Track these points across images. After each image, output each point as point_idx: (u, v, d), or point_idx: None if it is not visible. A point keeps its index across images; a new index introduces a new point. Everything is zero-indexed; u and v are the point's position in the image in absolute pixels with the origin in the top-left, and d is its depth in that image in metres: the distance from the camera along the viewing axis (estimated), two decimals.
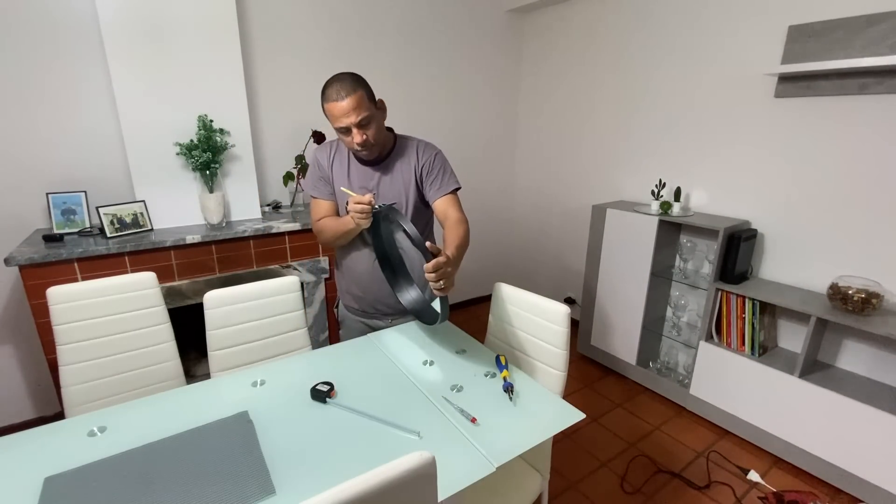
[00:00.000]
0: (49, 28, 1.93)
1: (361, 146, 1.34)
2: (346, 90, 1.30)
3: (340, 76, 1.34)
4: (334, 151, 1.50)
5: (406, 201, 1.48)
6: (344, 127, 1.32)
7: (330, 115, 1.33)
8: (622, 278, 2.57)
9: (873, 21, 1.74)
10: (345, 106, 1.29)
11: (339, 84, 1.32)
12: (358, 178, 1.47)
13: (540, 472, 1.38)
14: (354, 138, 1.33)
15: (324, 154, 1.51)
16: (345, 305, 1.68)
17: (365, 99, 1.32)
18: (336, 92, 1.31)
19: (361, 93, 1.32)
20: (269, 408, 1.16)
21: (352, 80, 1.32)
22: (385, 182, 1.47)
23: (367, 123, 1.33)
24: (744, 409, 2.13)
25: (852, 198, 1.91)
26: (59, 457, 0.97)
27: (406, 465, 0.69)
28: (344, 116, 1.30)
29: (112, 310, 1.39)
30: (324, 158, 1.50)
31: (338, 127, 1.33)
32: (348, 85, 1.31)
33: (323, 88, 1.35)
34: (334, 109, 1.31)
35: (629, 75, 2.70)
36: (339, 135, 1.37)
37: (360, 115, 1.30)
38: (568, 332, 1.34)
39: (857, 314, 1.80)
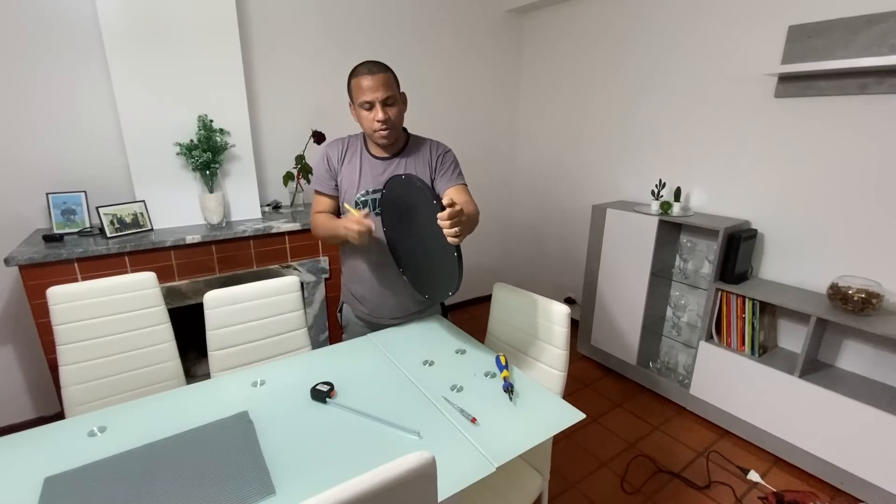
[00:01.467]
0: (49, 28, 1.93)
1: (383, 123, 1.37)
2: (377, 68, 1.36)
3: (371, 60, 1.40)
4: (346, 146, 1.51)
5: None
6: (369, 101, 1.36)
7: (357, 88, 1.36)
8: (622, 278, 2.57)
9: (873, 21, 1.74)
10: (375, 81, 1.34)
11: (370, 63, 1.38)
12: (371, 172, 1.48)
13: (540, 472, 1.38)
14: (377, 114, 1.37)
15: (334, 149, 1.51)
16: (349, 308, 1.67)
17: (393, 81, 1.39)
18: (368, 68, 1.36)
19: (390, 75, 1.39)
20: (269, 408, 1.16)
21: (381, 63, 1.40)
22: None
23: (392, 104, 1.38)
24: (744, 409, 2.13)
25: (852, 198, 1.91)
26: (59, 457, 0.97)
27: (406, 465, 0.69)
28: (372, 91, 1.34)
29: (112, 310, 1.39)
30: (334, 153, 1.51)
31: (362, 101, 1.36)
32: (379, 65, 1.38)
33: (353, 70, 1.40)
34: (364, 81, 1.35)
35: (629, 75, 2.70)
36: (361, 112, 1.39)
37: (388, 93, 1.36)
38: (568, 332, 1.34)
39: (857, 314, 1.80)
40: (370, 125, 1.39)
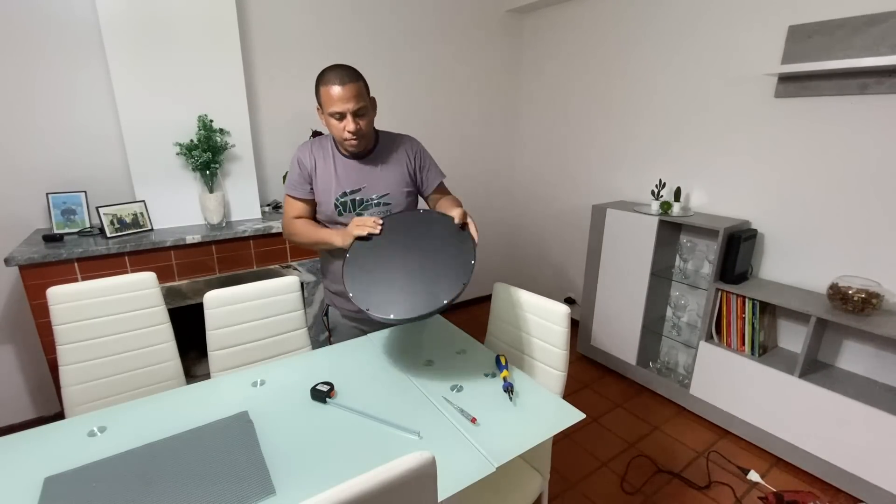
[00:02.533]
0: (49, 28, 1.93)
1: (353, 134, 1.36)
2: (348, 78, 1.33)
3: (340, 65, 1.37)
4: (317, 150, 1.50)
5: (394, 191, 1.50)
6: (339, 112, 1.34)
7: (326, 98, 1.34)
8: (622, 278, 2.57)
9: (873, 21, 1.74)
10: (345, 92, 1.32)
11: (340, 71, 1.34)
12: (345, 173, 1.48)
13: (540, 472, 1.38)
14: (347, 125, 1.35)
15: (305, 153, 1.50)
16: (336, 311, 1.64)
17: (364, 90, 1.37)
18: (338, 77, 1.33)
19: (361, 84, 1.36)
20: (269, 408, 1.16)
21: (352, 70, 1.36)
22: (373, 174, 1.48)
23: (363, 114, 1.37)
24: (744, 409, 2.13)
25: (852, 198, 1.91)
26: (59, 457, 0.97)
27: (406, 465, 0.69)
28: (342, 102, 1.32)
29: (112, 310, 1.39)
30: (305, 157, 1.49)
31: (332, 111, 1.34)
32: (350, 74, 1.34)
33: (321, 73, 1.37)
34: (334, 93, 1.32)
35: (629, 75, 2.70)
36: (331, 121, 1.37)
37: (359, 104, 1.34)
38: (568, 332, 1.34)
39: (857, 314, 1.80)
40: (340, 134, 1.38)
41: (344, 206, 1.48)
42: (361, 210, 1.49)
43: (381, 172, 1.49)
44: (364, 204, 1.49)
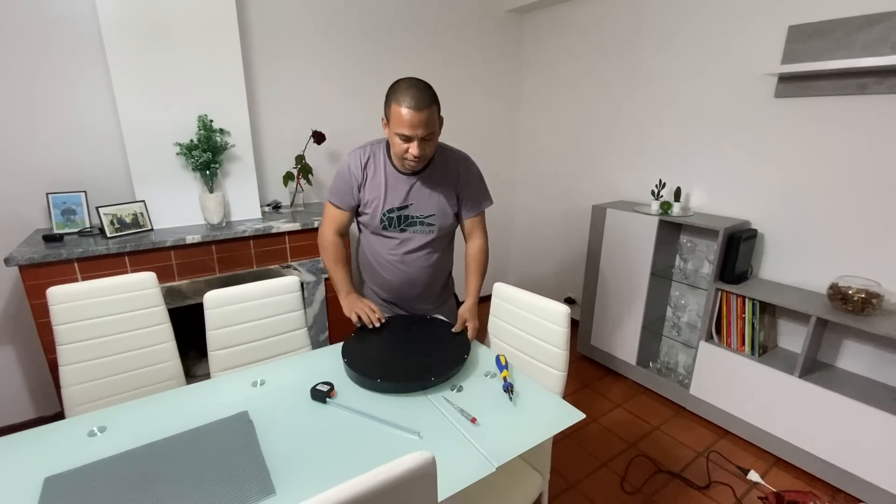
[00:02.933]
0: (49, 28, 1.93)
1: (417, 158, 1.34)
2: (423, 102, 1.27)
3: (419, 83, 1.30)
4: (367, 157, 1.47)
5: (440, 212, 1.51)
6: (407, 135, 1.30)
7: (396, 117, 1.29)
8: (622, 278, 2.57)
9: (873, 21, 1.74)
10: (418, 118, 1.27)
11: (418, 91, 1.28)
12: (395, 188, 1.47)
13: (540, 472, 1.38)
14: (412, 149, 1.33)
15: (356, 161, 1.47)
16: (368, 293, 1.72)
17: (436, 114, 1.32)
18: (415, 99, 1.26)
19: (435, 108, 1.31)
20: (269, 408, 1.16)
21: (430, 92, 1.30)
22: (422, 192, 1.48)
23: (430, 138, 1.34)
24: (744, 409, 2.13)
25: (852, 198, 1.91)
26: (59, 457, 0.98)
27: (406, 465, 0.69)
28: (412, 127, 1.28)
29: (112, 310, 1.39)
30: (357, 166, 1.47)
31: (400, 133, 1.30)
32: (427, 96, 1.29)
33: (396, 87, 1.30)
34: (406, 116, 1.27)
35: (629, 75, 2.70)
36: (395, 138, 1.33)
37: (428, 130, 1.31)
38: (568, 332, 1.34)
39: (857, 314, 1.80)
40: (402, 153, 1.35)
41: (390, 222, 1.49)
42: (406, 226, 1.50)
43: (430, 191, 1.49)
44: (409, 220, 1.50)
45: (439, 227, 1.52)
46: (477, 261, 1.62)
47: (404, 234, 1.52)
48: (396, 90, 1.29)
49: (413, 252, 1.53)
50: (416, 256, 1.54)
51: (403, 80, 1.31)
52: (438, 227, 1.52)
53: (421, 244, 1.53)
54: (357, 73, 2.75)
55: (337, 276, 1.55)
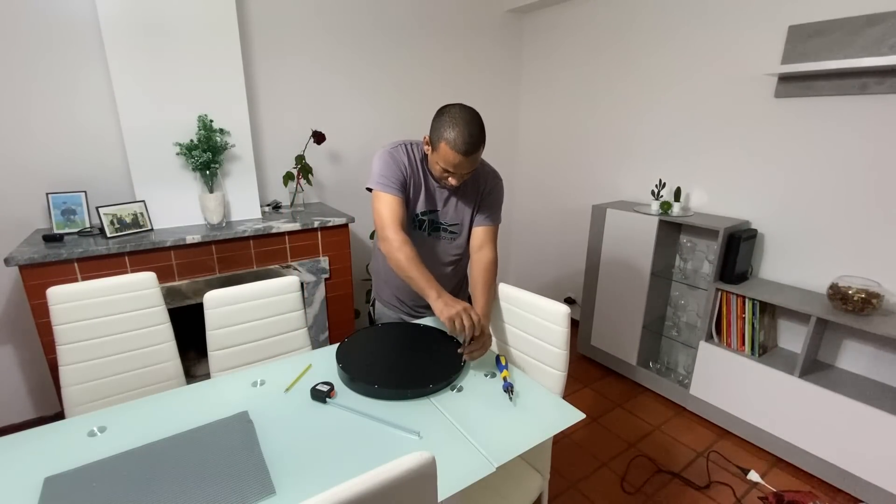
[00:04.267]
0: (49, 28, 1.93)
1: (453, 190, 1.38)
2: (474, 144, 1.27)
3: (474, 123, 1.27)
4: (411, 158, 1.46)
5: (463, 222, 1.54)
6: (451, 172, 1.32)
7: (445, 155, 1.28)
8: (622, 278, 2.57)
9: (873, 21, 1.74)
10: (467, 162, 1.29)
11: (471, 137, 1.25)
12: (430, 196, 1.49)
13: (540, 472, 1.38)
14: (452, 180, 1.35)
15: (402, 157, 1.44)
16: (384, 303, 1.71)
17: (481, 152, 1.32)
18: (466, 142, 1.25)
19: (482, 147, 1.31)
20: (269, 408, 1.16)
21: (482, 132, 1.29)
22: (451, 202, 1.51)
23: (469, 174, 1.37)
24: (744, 409, 2.13)
25: (852, 198, 1.91)
26: (59, 457, 0.97)
27: (406, 465, 0.69)
28: (459, 167, 1.30)
29: (112, 310, 1.39)
30: (405, 161, 1.43)
31: (445, 169, 1.32)
32: (477, 137, 1.28)
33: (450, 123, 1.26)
34: (455, 159, 1.27)
35: (629, 75, 2.70)
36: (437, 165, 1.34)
37: (472, 168, 1.32)
38: (568, 332, 1.34)
39: (857, 314, 1.80)
40: (440, 176, 1.37)
41: (421, 223, 1.52)
42: (433, 230, 1.53)
43: (458, 202, 1.52)
44: (436, 225, 1.53)
45: (461, 236, 1.56)
46: (487, 272, 1.49)
47: (430, 239, 1.55)
48: (450, 127, 1.25)
49: (436, 255, 1.56)
50: (438, 262, 1.57)
51: (460, 117, 1.26)
52: (461, 235, 1.56)
53: (443, 249, 1.57)
54: (357, 73, 2.76)
55: (419, 278, 1.33)
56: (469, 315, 1.25)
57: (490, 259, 1.51)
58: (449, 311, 1.25)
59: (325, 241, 2.35)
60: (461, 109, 1.29)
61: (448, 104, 1.34)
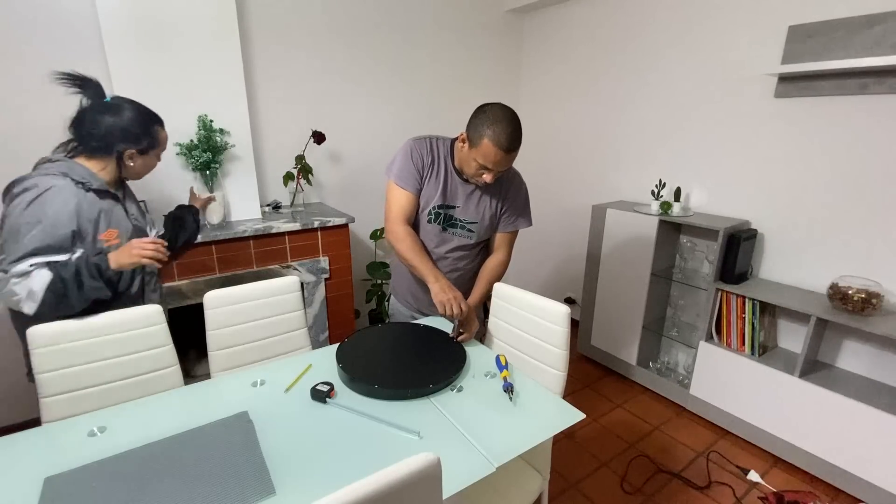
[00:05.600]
0: (49, 27, 1.93)
1: (487, 184, 1.39)
2: (516, 142, 1.30)
3: (515, 122, 1.31)
4: (434, 153, 1.48)
5: (483, 221, 1.54)
6: (489, 168, 1.34)
7: (486, 152, 1.30)
8: (622, 278, 2.57)
9: (873, 21, 1.74)
10: (508, 158, 1.31)
11: (514, 134, 1.29)
12: (451, 191, 1.50)
13: (540, 472, 1.38)
14: (487, 177, 1.37)
15: (422, 150, 1.48)
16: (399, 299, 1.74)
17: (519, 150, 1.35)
18: (509, 142, 1.28)
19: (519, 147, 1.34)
20: (269, 408, 1.16)
21: (520, 130, 1.32)
22: (470, 200, 1.52)
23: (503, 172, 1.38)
24: (744, 409, 2.13)
25: (852, 198, 1.91)
26: (59, 457, 0.97)
27: (412, 466, 0.69)
28: (498, 164, 1.32)
29: (116, 351, 1.31)
30: (424, 155, 1.48)
31: (483, 164, 1.33)
32: (519, 136, 1.31)
33: (493, 120, 1.29)
34: (496, 156, 1.30)
35: (629, 75, 2.70)
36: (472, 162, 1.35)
37: (509, 166, 1.36)
38: (568, 332, 1.34)
39: (857, 314, 1.80)
40: (474, 174, 1.39)
41: (437, 217, 1.52)
42: (447, 226, 1.53)
43: (479, 200, 1.52)
44: (452, 221, 1.53)
45: (478, 234, 1.56)
46: (492, 271, 1.60)
47: (444, 234, 1.55)
48: (493, 123, 1.28)
49: (449, 252, 1.57)
50: (451, 257, 1.58)
51: (502, 115, 1.29)
52: (477, 234, 1.56)
53: (457, 245, 1.57)
54: (357, 73, 2.75)
55: (421, 265, 1.46)
56: (458, 304, 1.38)
57: (501, 260, 1.60)
58: (442, 296, 1.39)
59: (325, 241, 2.35)
60: (502, 108, 1.32)
61: (488, 103, 1.36)
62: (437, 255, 1.58)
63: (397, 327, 1.56)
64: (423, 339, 1.47)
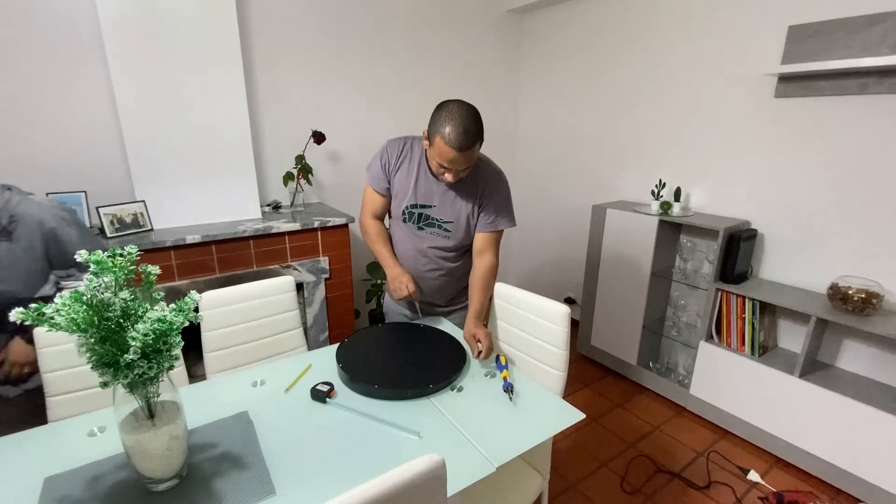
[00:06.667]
0: (49, 28, 1.93)
1: (450, 182, 1.38)
2: (469, 141, 1.27)
3: (469, 119, 1.28)
4: (403, 149, 1.50)
5: (459, 221, 1.52)
6: (446, 168, 1.33)
7: (439, 149, 1.29)
8: (622, 278, 2.57)
9: (873, 21, 1.74)
10: (462, 157, 1.29)
11: (466, 133, 1.26)
12: (424, 186, 1.49)
13: (540, 472, 1.38)
14: (448, 176, 1.36)
15: (393, 151, 1.50)
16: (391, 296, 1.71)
17: (477, 149, 1.33)
18: (459, 138, 1.26)
19: (478, 144, 1.32)
20: (269, 408, 1.16)
21: (476, 127, 1.30)
22: (447, 199, 1.50)
23: (466, 170, 1.37)
24: (744, 409, 2.13)
25: (852, 197, 1.91)
26: (59, 457, 0.97)
27: (418, 468, 0.69)
28: (453, 163, 1.31)
29: None
30: (393, 156, 1.50)
31: (440, 164, 1.33)
32: (474, 135, 1.28)
33: (445, 119, 1.28)
34: (449, 154, 1.28)
35: (629, 75, 2.70)
36: (434, 160, 1.35)
37: (467, 165, 1.33)
38: (568, 332, 1.34)
39: (857, 314, 1.80)
40: (436, 171, 1.38)
41: (410, 216, 1.52)
42: (424, 225, 1.53)
43: (455, 199, 1.50)
44: (428, 220, 1.52)
45: (455, 235, 1.54)
46: (483, 279, 1.53)
47: (421, 233, 1.55)
48: (446, 122, 1.27)
49: (430, 249, 1.56)
50: (432, 255, 1.57)
51: (457, 113, 1.27)
52: (454, 235, 1.54)
53: (435, 245, 1.55)
54: (357, 72, 2.75)
55: (381, 253, 1.57)
56: (407, 284, 1.46)
57: (489, 264, 1.53)
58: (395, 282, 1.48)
59: (325, 241, 2.35)
60: (459, 105, 1.30)
61: (447, 100, 1.34)
62: (419, 251, 1.56)
63: (397, 327, 1.55)
64: (423, 339, 1.47)
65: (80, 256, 0.79)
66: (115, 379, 0.78)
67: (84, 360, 0.76)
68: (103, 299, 0.78)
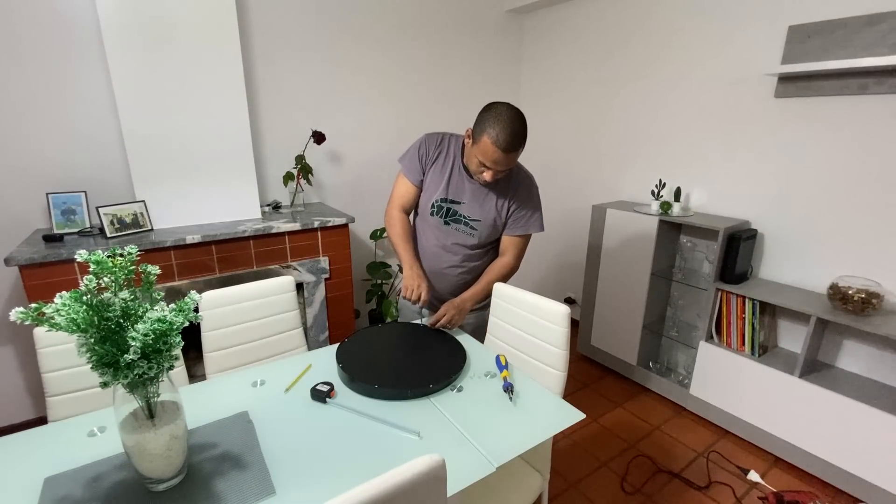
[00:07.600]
0: (49, 28, 1.93)
1: (487, 183, 1.39)
2: (516, 143, 1.30)
3: (518, 121, 1.30)
4: (443, 148, 1.51)
5: (486, 220, 1.53)
6: (488, 168, 1.34)
7: (485, 149, 1.31)
8: (622, 278, 2.57)
9: (873, 21, 1.74)
10: (507, 158, 1.31)
11: (515, 134, 1.28)
12: (454, 185, 1.51)
13: (540, 472, 1.38)
14: (486, 175, 1.37)
15: (431, 144, 1.52)
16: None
17: (520, 152, 1.35)
18: (508, 143, 1.28)
19: (522, 148, 1.34)
20: (269, 408, 1.16)
21: (524, 132, 1.32)
22: (477, 198, 1.51)
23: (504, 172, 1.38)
24: (744, 409, 2.13)
25: (852, 198, 1.91)
26: (59, 457, 0.97)
27: (418, 468, 0.69)
28: (497, 164, 1.32)
29: None
30: (430, 149, 1.51)
31: (483, 163, 1.34)
32: (519, 138, 1.31)
33: (495, 119, 1.29)
34: (494, 154, 1.30)
35: (629, 75, 2.69)
36: (474, 158, 1.37)
37: (508, 166, 1.35)
38: (568, 332, 1.34)
39: (857, 314, 1.80)
40: (475, 171, 1.39)
41: (439, 210, 1.53)
42: (450, 220, 1.54)
43: (484, 198, 1.51)
44: (455, 216, 1.53)
45: (480, 234, 1.55)
46: (493, 271, 1.58)
47: (447, 227, 1.56)
48: (495, 122, 1.29)
49: (454, 245, 1.57)
50: (453, 253, 1.58)
51: (505, 114, 1.30)
52: (480, 233, 1.55)
53: (459, 242, 1.57)
54: (357, 72, 2.75)
55: (402, 250, 1.56)
56: (421, 292, 1.46)
57: (506, 263, 1.58)
58: (409, 281, 1.47)
59: (325, 242, 2.35)
60: (507, 108, 1.32)
61: (495, 101, 1.36)
62: (442, 247, 1.59)
63: (397, 327, 1.56)
64: (423, 339, 1.47)
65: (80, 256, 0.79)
66: (115, 379, 0.78)
67: (84, 360, 0.76)
68: (103, 299, 0.78)
